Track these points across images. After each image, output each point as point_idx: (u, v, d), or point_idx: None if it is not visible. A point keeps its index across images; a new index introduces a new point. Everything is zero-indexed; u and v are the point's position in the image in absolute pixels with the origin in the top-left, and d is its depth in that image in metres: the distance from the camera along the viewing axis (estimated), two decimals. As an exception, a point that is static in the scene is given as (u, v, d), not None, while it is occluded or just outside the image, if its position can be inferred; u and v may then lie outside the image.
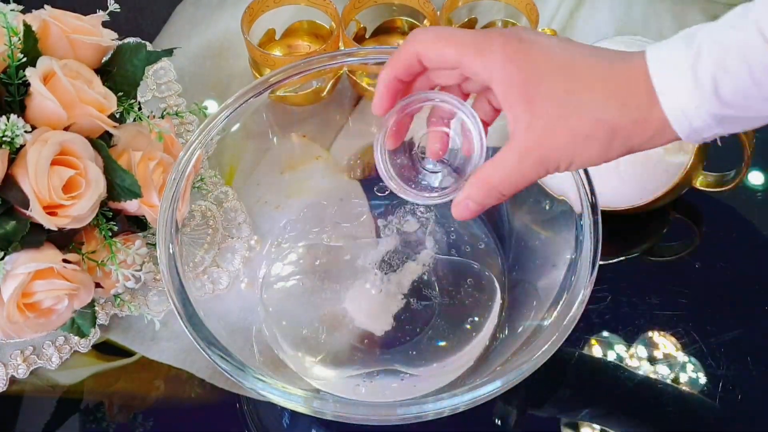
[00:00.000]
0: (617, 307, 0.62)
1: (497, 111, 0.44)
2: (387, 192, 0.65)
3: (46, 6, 0.59)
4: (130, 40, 0.74)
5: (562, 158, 0.38)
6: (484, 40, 0.38)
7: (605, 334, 0.63)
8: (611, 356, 0.61)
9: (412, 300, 0.61)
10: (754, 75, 0.33)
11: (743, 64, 0.33)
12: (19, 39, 0.54)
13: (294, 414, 0.59)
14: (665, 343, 0.62)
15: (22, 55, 0.53)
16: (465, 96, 0.44)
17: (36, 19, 0.57)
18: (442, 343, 0.58)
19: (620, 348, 0.62)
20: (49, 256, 0.54)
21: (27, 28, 0.54)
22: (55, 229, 0.53)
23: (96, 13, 0.61)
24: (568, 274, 0.51)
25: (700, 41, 0.34)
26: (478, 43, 0.38)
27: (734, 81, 0.33)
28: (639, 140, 0.37)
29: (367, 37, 0.81)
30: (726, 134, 0.36)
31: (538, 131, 0.37)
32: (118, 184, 0.56)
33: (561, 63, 0.37)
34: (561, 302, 0.49)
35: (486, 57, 0.38)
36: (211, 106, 0.78)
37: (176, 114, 0.68)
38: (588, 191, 0.51)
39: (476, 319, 0.59)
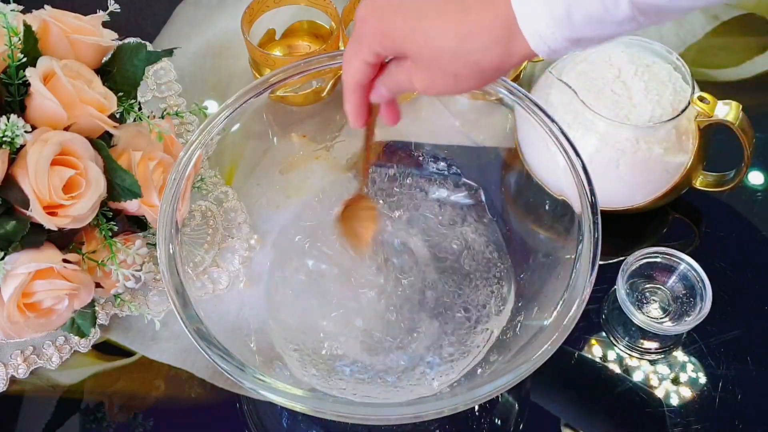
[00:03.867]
0: (617, 306, 0.62)
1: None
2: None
3: (46, 6, 0.59)
4: (131, 40, 0.74)
5: (444, 87, 0.42)
6: (361, 32, 0.43)
7: (605, 334, 0.63)
8: (611, 356, 0.61)
9: (413, 300, 0.61)
10: (604, 3, 0.35)
11: None
12: (20, 39, 0.54)
13: (294, 414, 0.59)
14: (665, 343, 0.62)
15: (23, 55, 0.53)
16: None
17: (36, 19, 0.57)
18: (448, 346, 0.58)
19: (620, 348, 0.62)
20: (49, 256, 0.54)
21: (27, 28, 0.54)
22: (56, 229, 0.53)
23: (96, 13, 0.61)
24: (568, 274, 0.51)
25: None
26: (360, 39, 0.43)
27: (586, 9, 0.35)
28: (509, 66, 0.40)
29: (367, 37, 0.81)
30: (583, 50, 0.39)
31: (419, 65, 0.41)
32: (119, 184, 0.56)
33: (416, 16, 0.40)
34: (561, 302, 0.49)
35: (370, 44, 0.42)
36: (211, 106, 0.78)
37: (176, 114, 0.68)
38: (588, 191, 0.51)
39: (484, 321, 0.59)
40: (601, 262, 0.49)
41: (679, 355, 0.61)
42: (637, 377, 0.60)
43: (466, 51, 0.39)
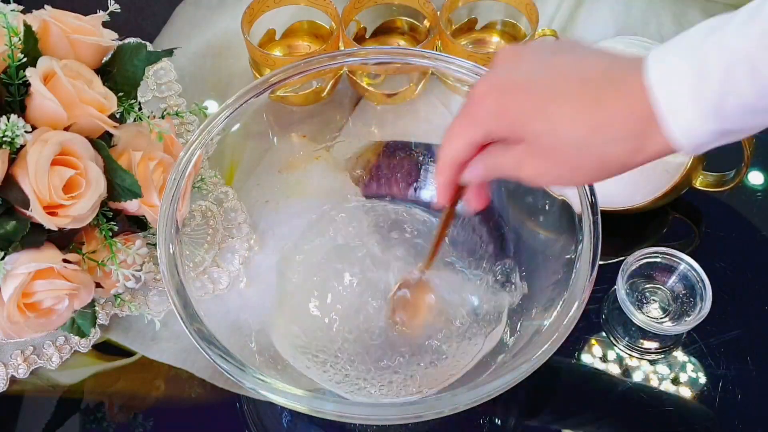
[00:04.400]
0: (617, 306, 0.62)
1: None
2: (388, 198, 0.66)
3: (46, 6, 0.59)
4: (131, 40, 0.74)
5: (557, 178, 0.39)
6: (476, 110, 0.39)
7: (605, 334, 0.63)
8: (611, 356, 0.61)
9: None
10: (759, 92, 0.32)
11: (749, 80, 0.32)
12: (20, 39, 0.54)
13: (294, 414, 0.59)
14: (665, 343, 0.62)
15: (23, 55, 0.53)
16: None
17: (36, 19, 0.57)
18: (447, 347, 0.58)
19: (620, 348, 0.62)
20: (49, 256, 0.54)
21: (27, 28, 0.54)
22: (56, 229, 0.53)
23: (96, 13, 0.61)
24: (568, 274, 0.51)
25: (703, 56, 0.33)
26: (473, 117, 0.40)
27: (740, 99, 0.32)
28: (634, 164, 0.37)
29: (367, 37, 0.81)
30: (727, 143, 0.36)
31: (535, 151, 0.38)
32: (119, 184, 0.56)
33: (542, 98, 0.37)
34: (561, 302, 0.49)
35: (486, 125, 0.39)
36: (211, 106, 0.78)
37: (176, 114, 0.68)
38: (588, 191, 0.51)
39: (484, 321, 0.59)
40: (601, 262, 0.49)
41: (679, 355, 0.61)
42: (637, 377, 0.60)
43: (594, 143, 0.35)
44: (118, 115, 0.60)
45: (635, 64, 0.35)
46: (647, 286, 0.64)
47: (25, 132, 0.52)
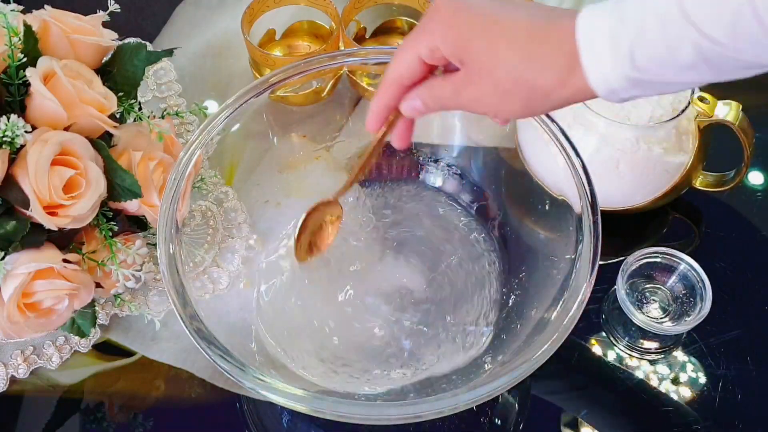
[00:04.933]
0: (617, 306, 0.62)
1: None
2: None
3: (46, 6, 0.59)
4: (131, 40, 0.74)
5: (489, 105, 0.42)
6: (427, 22, 0.42)
7: (605, 334, 0.63)
8: (611, 356, 0.61)
9: (413, 300, 0.61)
10: (669, 45, 0.35)
11: (659, 33, 0.35)
12: (20, 39, 0.54)
13: (294, 414, 0.59)
14: (665, 343, 0.62)
15: (23, 55, 0.53)
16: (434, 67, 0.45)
17: (36, 19, 0.57)
18: (447, 346, 0.58)
19: (620, 348, 0.62)
20: (49, 256, 0.54)
21: (27, 28, 0.54)
22: (56, 229, 0.53)
23: (96, 13, 0.61)
24: (568, 274, 0.51)
25: (624, 8, 0.36)
26: (423, 28, 0.42)
27: (649, 50, 0.35)
28: (558, 98, 0.40)
29: (367, 37, 0.81)
30: (644, 96, 0.39)
31: (472, 76, 0.41)
32: (119, 184, 0.56)
33: (488, 22, 0.40)
34: (561, 302, 0.49)
35: (433, 35, 0.42)
36: (211, 106, 0.78)
37: (176, 114, 0.68)
38: (588, 191, 0.51)
39: (484, 321, 0.59)
40: (601, 262, 0.49)
41: (679, 355, 0.61)
42: (637, 377, 0.60)
43: (525, 68, 0.39)
44: (118, 115, 0.60)
45: (573, 12, 0.39)
46: (647, 286, 0.64)
47: (25, 132, 0.52)
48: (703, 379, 0.60)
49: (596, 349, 0.62)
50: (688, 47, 0.34)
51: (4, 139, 0.51)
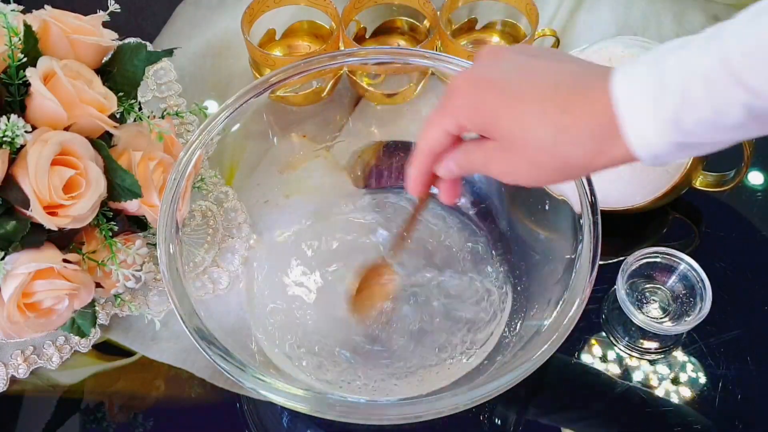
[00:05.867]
0: (617, 306, 0.62)
1: None
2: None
3: (46, 6, 0.59)
4: (131, 40, 0.74)
5: (522, 177, 0.40)
6: (449, 100, 0.41)
7: (605, 334, 0.63)
8: (611, 356, 0.61)
9: (412, 300, 0.61)
10: (716, 108, 0.33)
11: (705, 96, 0.33)
12: (20, 39, 0.54)
13: (294, 414, 0.59)
14: (665, 343, 0.62)
15: (23, 56, 0.53)
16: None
17: (36, 19, 0.57)
18: (448, 346, 0.58)
19: (620, 348, 0.62)
20: (49, 256, 0.54)
21: (27, 28, 0.54)
22: (56, 229, 0.53)
23: (96, 13, 0.61)
24: (568, 274, 0.51)
25: (665, 70, 0.34)
26: (447, 107, 0.41)
27: (696, 114, 0.33)
28: (596, 166, 0.38)
29: (367, 37, 0.81)
30: (688, 157, 0.36)
31: (504, 151, 0.40)
32: (119, 184, 0.56)
33: (513, 98, 0.38)
34: (561, 302, 0.49)
35: (457, 116, 0.41)
36: (211, 106, 0.78)
37: (176, 114, 0.68)
38: (588, 191, 0.51)
39: (484, 321, 0.59)
40: (601, 262, 0.49)
41: (679, 355, 0.61)
42: (637, 377, 0.60)
43: (558, 143, 0.37)
44: (118, 115, 0.60)
45: (605, 73, 0.36)
46: (647, 286, 0.64)
47: (25, 132, 0.52)
48: (703, 379, 0.60)
49: (596, 349, 0.62)
50: (737, 108, 0.32)
51: (4, 139, 0.51)
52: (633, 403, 0.59)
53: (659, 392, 0.60)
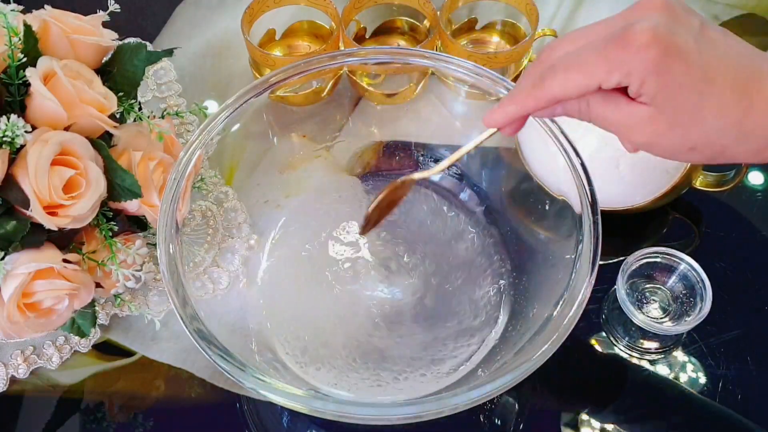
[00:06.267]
0: (617, 306, 0.62)
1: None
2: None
3: (46, 6, 0.59)
4: (131, 40, 0.74)
5: (663, 150, 0.37)
6: (624, 52, 0.36)
7: (605, 334, 0.63)
8: (611, 356, 0.61)
9: (412, 300, 0.61)
10: None
11: None
12: (20, 39, 0.54)
13: (294, 414, 0.59)
14: (665, 343, 0.62)
15: (23, 56, 0.53)
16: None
17: (36, 19, 0.57)
18: (448, 346, 0.58)
19: (620, 348, 0.62)
20: (49, 256, 0.54)
21: (27, 28, 0.54)
22: (56, 229, 0.53)
23: (96, 13, 0.61)
24: (567, 274, 0.51)
25: None
26: (616, 58, 0.36)
27: None
28: (744, 160, 0.36)
29: (367, 37, 0.81)
30: None
31: (659, 123, 0.36)
32: (119, 184, 0.56)
33: (703, 81, 0.35)
34: (561, 302, 0.49)
35: (629, 72, 0.36)
36: (211, 106, 0.78)
37: (176, 114, 0.68)
38: (588, 191, 0.51)
39: (484, 321, 0.59)
40: (601, 262, 0.49)
41: (679, 355, 0.61)
42: (636, 377, 0.60)
43: (726, 135, 0.35)
44: (118, 115, 0.60)
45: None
46: (647, 286, 0.64)
47: (25, 132, 0.52)
48: (703, 379, 0.60)
49: (596, 349, 0.62)
50: None
51: (4, 139, 0.51)
52: (633, 403, 0.59)
53: (659, 392, 0.59)
